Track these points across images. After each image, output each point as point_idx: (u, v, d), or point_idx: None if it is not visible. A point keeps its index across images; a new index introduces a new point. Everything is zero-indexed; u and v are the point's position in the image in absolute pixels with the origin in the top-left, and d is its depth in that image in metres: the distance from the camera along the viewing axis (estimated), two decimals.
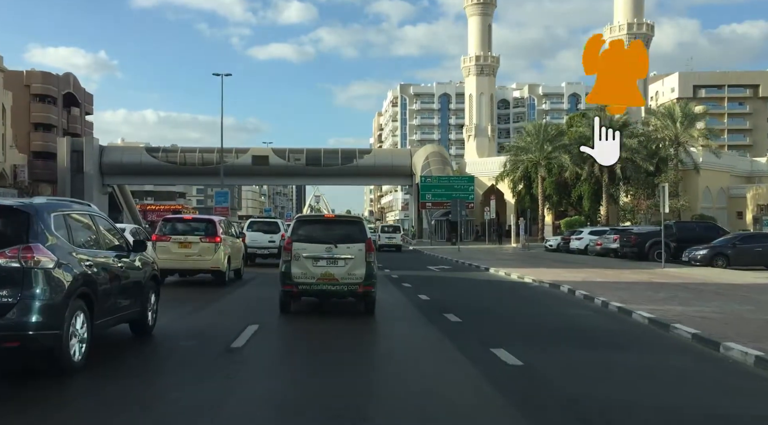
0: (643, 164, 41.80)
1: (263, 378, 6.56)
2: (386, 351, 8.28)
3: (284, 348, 8.59)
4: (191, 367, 6.79)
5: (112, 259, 7.23)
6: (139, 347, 7.94)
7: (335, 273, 10.12)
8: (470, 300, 13.57)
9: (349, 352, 7.99)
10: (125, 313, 7.58)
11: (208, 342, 8.12)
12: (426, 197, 51.50)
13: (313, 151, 66.30)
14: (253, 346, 7.94)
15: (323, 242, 10.23)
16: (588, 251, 32.58)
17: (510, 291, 15.49)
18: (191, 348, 7.84)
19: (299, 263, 10.12)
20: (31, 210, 6.04)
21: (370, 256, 10.30)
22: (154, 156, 65.80)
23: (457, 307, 11.69)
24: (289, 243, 10.38)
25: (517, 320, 10.85)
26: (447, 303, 12.58)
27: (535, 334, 9.22)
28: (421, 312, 11.46)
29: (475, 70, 66.34)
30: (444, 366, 7.16)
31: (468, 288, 16.58)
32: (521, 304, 12.99)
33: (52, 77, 67.48)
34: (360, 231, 10.63)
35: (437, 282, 17.70)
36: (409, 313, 11.42)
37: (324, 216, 13.29)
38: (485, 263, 24.79)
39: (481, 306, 12.49)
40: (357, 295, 10.45)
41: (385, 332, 9.72)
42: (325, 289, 10.30)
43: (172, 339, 8.39)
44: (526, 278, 17.78)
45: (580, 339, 8.97)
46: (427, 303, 12.82)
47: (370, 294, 10.43)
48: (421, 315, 11.06)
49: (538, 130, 45.74)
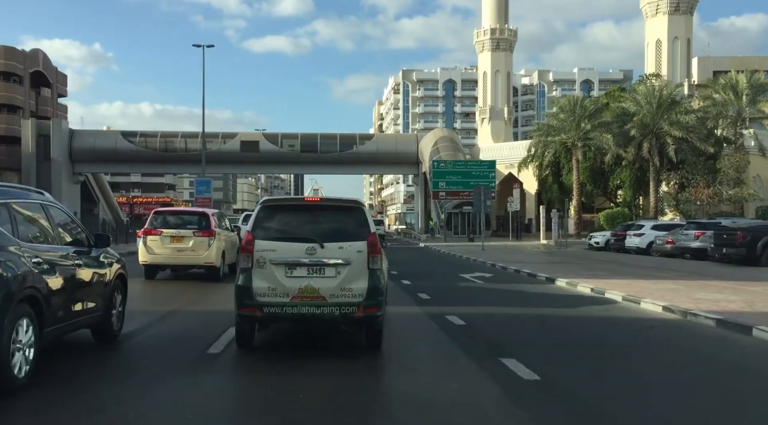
0: (701, 145, 34.88)
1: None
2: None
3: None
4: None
5: (68, 256, 6.37)
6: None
7: (321, 288, 6.63)
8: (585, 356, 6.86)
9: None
10: (84, 318, 6.65)
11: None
12: (439, 185, 44.22)
13: (308, 136, 59.83)
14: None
15: (302, 240, 6.73)
16: (652, 251, 25.74)
17: (630, 333, 8.66)
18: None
19: (265, 273, 6.66)
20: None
21: (375, 261, 6.75)
22: (131, 141, 59.06)
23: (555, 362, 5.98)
24: (249, 241, 6.74)
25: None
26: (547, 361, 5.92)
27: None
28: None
29: (490, 45, 59.30)
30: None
31: (545, 322, 9.69)
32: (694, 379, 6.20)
33: (16, 53, 60.40)
34: (359, 223, 6.94)
35: (481, 298, 10.84)
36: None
37: (304, 200, 7.45)
38: (535, 268, 18.13)
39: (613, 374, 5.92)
40: (354, 321, 6.81)
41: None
42: (305, 313, 6.66)
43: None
44: (645, 303, 10.79)
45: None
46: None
47: (374, 321, 6.81)
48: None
49: (574, 105, 38.67)
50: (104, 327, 7.09)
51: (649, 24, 49.40)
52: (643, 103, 36.23)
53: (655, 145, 35.91)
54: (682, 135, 34.74)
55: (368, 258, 6.65)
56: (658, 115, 35.89)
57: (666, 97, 36.11)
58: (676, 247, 23.74)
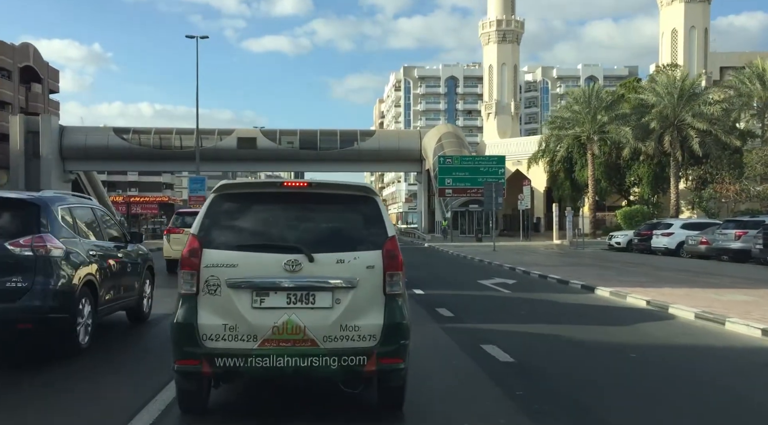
0: (727, 138, 32.64)
1: None
2: None
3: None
4: None
5: (112, 249, 7.70)
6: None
7: (309, 327, 4.20)
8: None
9: None
10: (124, 301, 7.96)
11: None
12: (445, 182, 41.87)
13: (307, 132, 57.89)
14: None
15: (280, 249, 4.30)
16: (682, 252, 23.53)
17: (751, 371, 6.45)
18: None
19: (219, 302, 4.24)
20: (41, 202, 6.42)
21: (395, 282, 4.32)
22: (124, 138, 56.99)
23: None
24: (193, 251, 4.32)
25: None
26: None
27: None
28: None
29: (496, 37, 57.08)
30: None
31: (621, 354, 7.43)
32: None
33: (5, 47, 58.17)
34: (370, 221, 4.47)
35: (514, 314, 8.61)
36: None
37: (283, 185, 4.73)
38: (562, 273, 16.05)
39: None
40: (363, 379, 4.38)
41: None
42: (282, 367, 4.19)
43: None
44: (733, 324, 8.37)
45: None
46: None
47: (394, 375, 4.33)
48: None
49: (589, 96, 36.37)
50: (138, 310, 8.47)
51: (665, 13, 47.17)
52: (663, 93, 33.98)
53: (676, 138, 33.70)
54: (706, 127, 32.51)
55: (385, 277, 4.33)
56: (679, 107, 33.67)
57: (688, 87, 33.88)
58: (711, 248, 21.52)
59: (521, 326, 8.72)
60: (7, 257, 5.95)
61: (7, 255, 5.95)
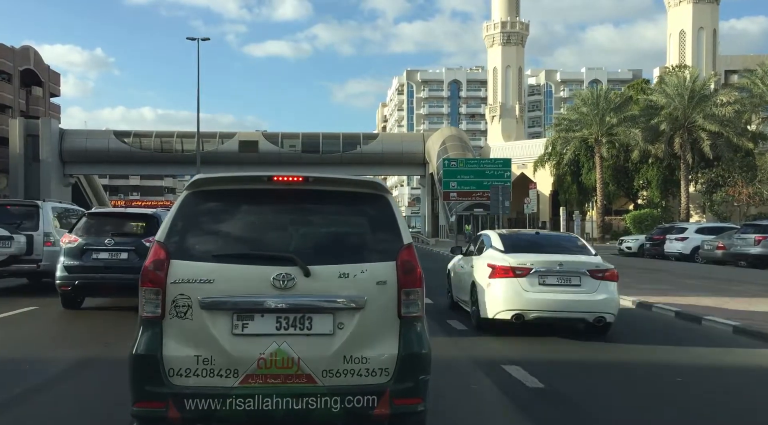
0: (739, 141, 31.86)
1: None
2: None
3: None
4: None
5: None
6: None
7: (305, 358, 3.37)
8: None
9: None
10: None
11: None
12: (450, 185, 41.09)
13: (310, 135, 57.45)
14: None
15: (267, 259, 3.47)
16: (697, 257, 22.75)
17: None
18: None
19: (190, 328, 3.39)
20: (157, 215, 10.27)
21: (412, 301, 3.54)
22: (124, 141, 56.42)
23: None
24: (158, 262, 3.45)
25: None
26: None
27: None
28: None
29: (500, 39, 56.45)
30: None
31: (661, 378, 6.71)
32: None
33: (6, 50, 57.68)
34: (380, 226, 3.65)
35: (532, 326, 7.87)
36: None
37: (272, 180, 3.70)
38: None
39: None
40: (370, 422, 3.42)
41: None
42: (269, 410, 3.32)
43: None
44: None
45: None
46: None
47: (412, 419, 3.47)
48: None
49: (597, 97, 35.63)
50: None
51: (672, 14, 46.43)
52: (673, 95, 33.24)
53: (687, 141, 32.94)
54: (718, 129, 31.75)
55: (400, 296, 3.52)
56: (690, 108, 32.94)
57: (699, 88, 33.13)
58: (728, 253, 20.75)
59: (542, 341, 7.98)
60: (143, 248, 9.27)
61: (144, 246, 9.32)
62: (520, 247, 8.58)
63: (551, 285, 7.87)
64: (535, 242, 9.03)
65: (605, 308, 7.79)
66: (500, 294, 7.93)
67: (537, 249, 8.49)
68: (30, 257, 11.82)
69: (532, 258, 8.01)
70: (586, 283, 7.84)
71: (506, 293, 7.88)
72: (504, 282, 7.92)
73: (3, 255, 11.55)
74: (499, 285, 7.95)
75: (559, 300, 7.82)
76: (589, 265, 7.96)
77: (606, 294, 7.84)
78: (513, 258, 8.07)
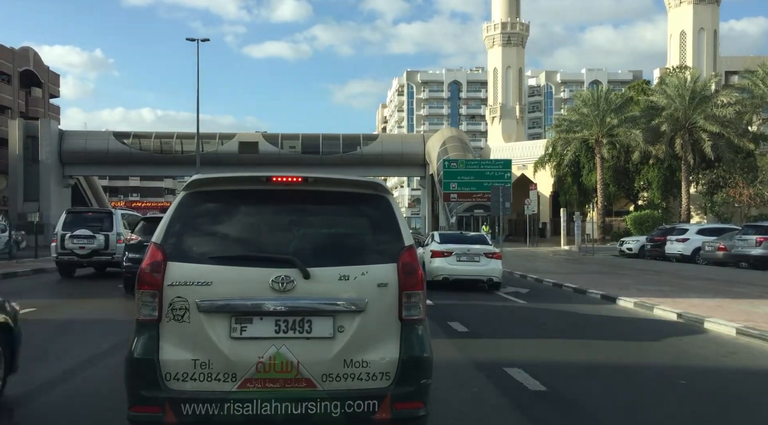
0: (740, 141, 31.80)
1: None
2: None
3: None
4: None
5: None
6: None
7: (304, 362, 3.33)
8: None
9: None
10: None
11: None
12: (450, 186, 40.99)
13: (310, 136, 57.38)
14: None
15: (265, 261, 3.40)
16: (698, 258, 22.68)
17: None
18: None
19: (187, 331, 3.33)
20: None
21: (413, 304, 3.47)
22: (124, 142, 56.31)
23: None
24: (155, 264, 3.38)
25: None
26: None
27: None
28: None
29: (500, 40, 56.38)
30: None
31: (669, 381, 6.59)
32: None
33: (5, 51, 57.65)
34: (381, 227, 3.61)
35: (533, 328, 7.80)
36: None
37: (271, 181, 3.64)
38: (577, 281, 15.32)
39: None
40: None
41: None
42: (268, 415, 3.25)
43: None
44: None
45: None
46: None
47: (412, 422, 3.39)
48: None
49: (598, 98, 35.56)
50: None
51: (673, 14, 46.37)
52: (674, 96, 33.18)
53: (688, 141, 32.87)
54: (719, 130, 31.68)
55: (401, 298, 3.47)
56: (691, 109, 32.87)
57: (699, 89, 33.06)
58: (730, 255, 20.68)
59: (544, 342, 7.92)
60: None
61: None
62: (448, 241, 14.74)
63: (463, 262, 13.91)
64: (458, 237, 15.60)
65: (493, 274, 13.87)
66: (436, 266, 13.89)
67: (458, 242, 14.65)
68: (107, 251, 15.89)
69: (453, 247, 14.07)
70: (482, 260, 13.91)
71: (440, 265, 13.88)
72: (438, 259, 13.95)
73: (88, 250, 15.81)
74: (436, 261, 13.95)
75: (468, 269, 13.92)
76: (486, 250, 14.11)
77: (494, 266, 13.88)
78: (443, 247, 14.10)
